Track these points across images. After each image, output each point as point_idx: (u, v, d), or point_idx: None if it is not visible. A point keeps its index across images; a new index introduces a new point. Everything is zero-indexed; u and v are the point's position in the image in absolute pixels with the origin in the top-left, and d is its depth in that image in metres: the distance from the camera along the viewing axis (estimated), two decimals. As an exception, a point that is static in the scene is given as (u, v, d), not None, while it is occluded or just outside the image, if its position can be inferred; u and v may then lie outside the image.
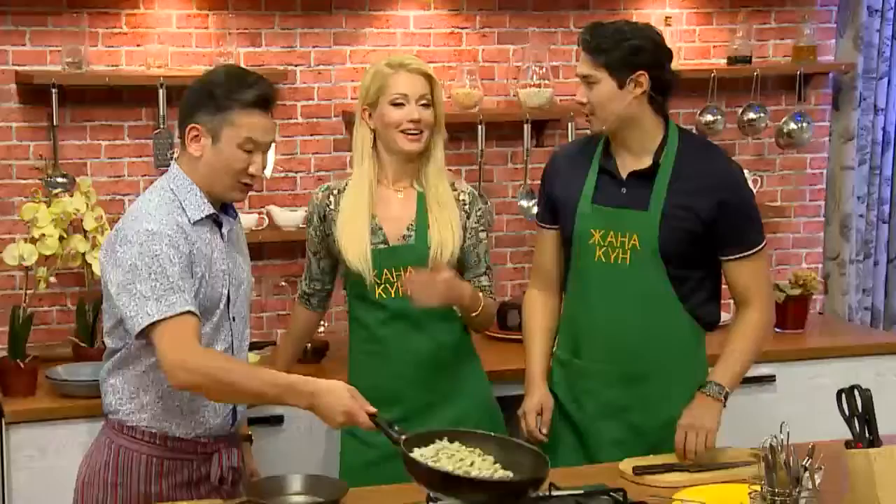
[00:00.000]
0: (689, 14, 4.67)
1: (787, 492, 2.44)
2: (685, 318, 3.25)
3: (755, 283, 3.24)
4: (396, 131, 3.26)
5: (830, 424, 2.99)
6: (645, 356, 3.25)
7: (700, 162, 3.23)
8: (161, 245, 2.74)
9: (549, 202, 3.37)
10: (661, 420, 3.22)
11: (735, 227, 3.20)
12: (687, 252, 3.21)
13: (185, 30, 4.12)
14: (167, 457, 2.88)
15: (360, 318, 3.35)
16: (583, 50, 3.18)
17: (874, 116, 4.96)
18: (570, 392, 3.35)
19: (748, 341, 3.21)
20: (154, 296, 2.71)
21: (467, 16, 4.42)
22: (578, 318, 3.33)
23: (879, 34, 4.90)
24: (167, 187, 2.86)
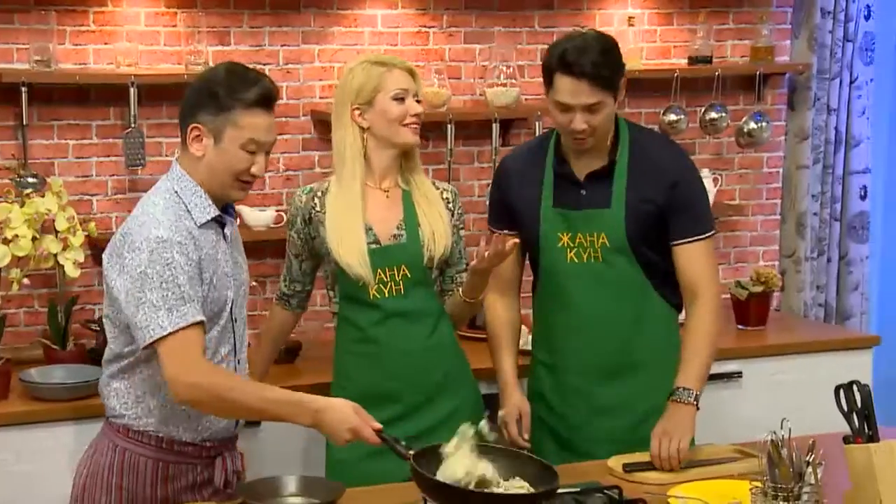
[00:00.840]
0: (651, 14, 4.73)
1: (790, 487, 2.48)
2: (660, 302, 3.34)
3: (704, 271, 3.27)
4: (399, 125, 3.28)
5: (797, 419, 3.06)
6: (630, 347, 3.31)
7: (652, 151, 3.31)
8: (172, 253, 2.71)
9: (504, 208, 3.40)
10: (651, 411, 3.26)
11: (686, 209, 3.26)
12: (652, 239, 3.28)
13: (153, 28, 4.08)
14: (172, 461, 2.87)
15: (351, 318, 3.35)
16: (582, 80, 3.13)
17: (827, 116, 5.05)
18: (558, 391, 3.38)
19: (706, 338, 3.24)
20: (165, 306, 2.69)
21: (434, 15, 4.43)
22: (556, 319, 3.37)
23: (832, 35, 5.00)
24: (171, 189, 2.82)
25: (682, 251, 3.27)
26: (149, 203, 2.82)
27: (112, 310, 2.83)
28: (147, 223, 2.75)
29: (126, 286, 2.72)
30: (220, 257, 2.86)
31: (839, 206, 5.15)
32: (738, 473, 2.98)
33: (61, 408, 3.55)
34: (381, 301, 3.30)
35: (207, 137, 2.79)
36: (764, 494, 2.52)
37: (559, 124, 3.24)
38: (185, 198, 2.81)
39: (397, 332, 3.31)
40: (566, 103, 3.16)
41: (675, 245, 3.28)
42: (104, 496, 2.86)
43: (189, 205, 2.81)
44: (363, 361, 3.34)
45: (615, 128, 3.30)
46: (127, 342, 2.82)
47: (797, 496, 2.48)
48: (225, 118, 2.77)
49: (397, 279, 3.30)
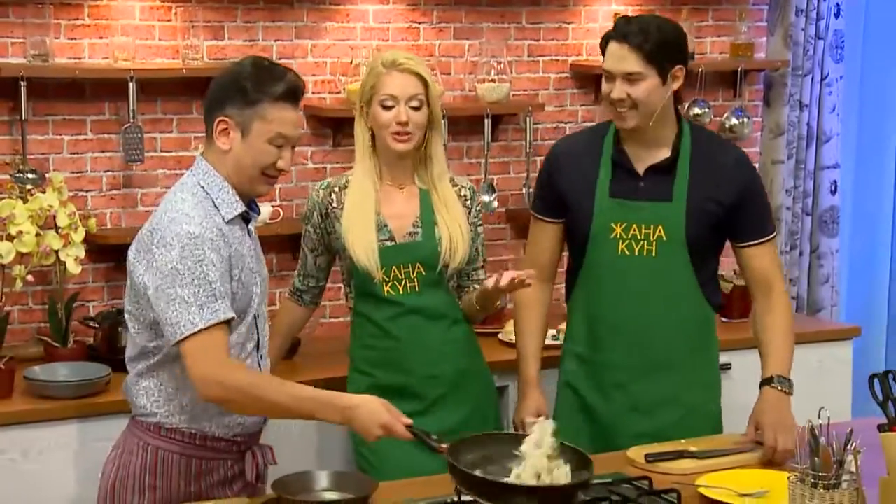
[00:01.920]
0: (634, 11, 4.77)
1: (830, 475, 2.53)
2: (703, 302, 3.35)
3: (774, 268, 3.33)
4: (386, 132, 3.26)
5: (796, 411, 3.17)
6: (673, 346, 3.31)
7: (716, 152, 3.32)
8: (204, 249, 2.70)
9: (554, 194, 3.36)
10: (688, 411, 3.31)
11: (755, 212, 3.30)
12: (708, 239, 3.30)
13: (148, 22, 4.04)
14: (205, 457, 2.86)
15: (366, 314, 3.35)
16: (625, 46, 3.15)
17: (800, 112, 5.15)
18: (595, 386, 3.36)
19: (788, 327, 3.28)
20: (197, 302, 2.68)
21: (424, 11, 4.44)
22: (598, 312, 3.33)
23: (804, 33, 5.09)
24: (197, 185, 2.81)
25: (753, 252, 3.30)
26: (176, 199, 2.80)
27: (137, 306, 2.81)
28: (177, 219, 2.73)
29: (156, 282, 2.71)
30: (245, 253, 2.85)
31: (811, 200, 5.26)
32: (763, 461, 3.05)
33: (67, 406, 3.51)
34: (396, 298, 3.31)
35: (235, 131, 2.78)
36: (803, 482, 2.56)
37: (604, 96, 3.23)
38: (212, 193, 2.80)
39: (413, 329, 3.32)
40: (609, 70, 3.19)
41: (744, 247, 3.31)
42: (136, 496, 2.85)
43: (216, 200, 2.80)
44: (379, 357, 3.35)
45: (678, 124, 3.30)
46: (151, 338, 2.81)
47: (837, 484, 2.53)
48: (253, 112, 2.77)
49: (412, 276, 3.31)
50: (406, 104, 3.24)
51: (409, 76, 3.26)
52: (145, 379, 2.85)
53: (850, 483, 2.53)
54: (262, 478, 2.94)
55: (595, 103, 4.69)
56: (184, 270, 2.69)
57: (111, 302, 4.06)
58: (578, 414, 3.39)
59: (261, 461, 2.93)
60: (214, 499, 2.84)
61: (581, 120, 4.70)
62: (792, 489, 2.58)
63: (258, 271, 2.91)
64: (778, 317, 3.29)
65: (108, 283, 4.07)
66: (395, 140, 3.26)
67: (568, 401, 3.43)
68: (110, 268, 4.06)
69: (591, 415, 3.38)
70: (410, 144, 3.28)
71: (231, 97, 2.78)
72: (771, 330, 3.29)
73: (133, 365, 2.88)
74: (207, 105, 2.85)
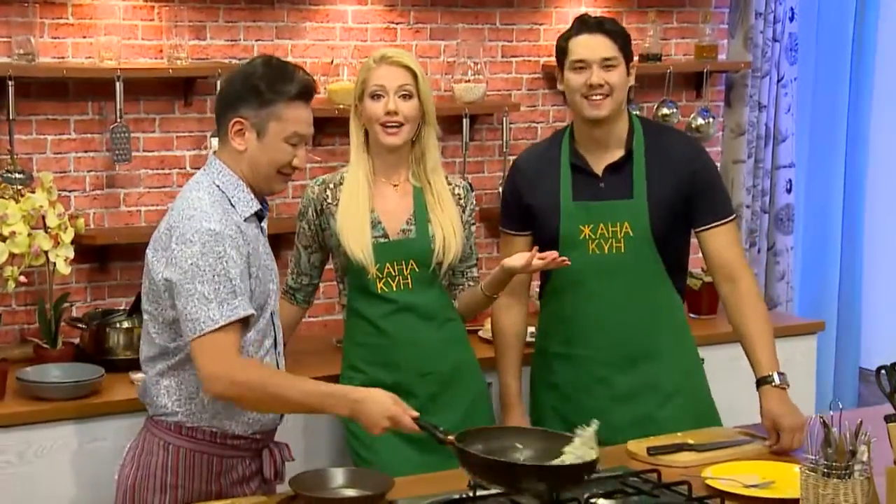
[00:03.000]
0: (604, 12, 4.85)
1: (844, 465, 2.61)
2: (672, 289, 3.45)
3: (736, 254, 3.40)
4: (377, 125, 3.30)
5: None
6: (648, 335, 3.41)
7: (666, 141, 3.42)
8: (224, 246, 2.72)
9: (520, 209, 3.45)
10: (668, 396, 3.40)
11: (709, 194, 3.38)
12: (672, 229, 3.39)
13: (131, 22, 4.03)
14: (226, 455, 2.88)
15: (361, 310, 3.38)
16: (598, 35, 3.30)
17: (759, 113, 5.28)
18: (576, 381, 3.44)
19: (766, 319, 3.36)
20: (217, 299, 2.69)
21: (402, 12, 4.47)
22: (573, 311, 3.42)
23: (763, 36, 5.22)
24: (212, 184, 2.82)
25: (711, 236, 3.37)
26: (193, 197, 2.80)
27: (156, 305, 2.82)
28: (196, 216, 2.74)
29: (176, 277, 2.72)
30: (261, 250, 2.88)
31: (768, 198, 5.39)
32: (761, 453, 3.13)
33: (62, 407, 3.49)
34: (389, 294, 3.33)
35: (250, 131, 2.80)
36: (815, 472, 2.64)
37: (575, 89, 3.31)
38: (227, 192, 2.82)
39: (406, 326, 3.35)
40: (585, 59, 3.29)
41: (702, 231, 3.38)
42: (157, 495, 2.85)
43: (232, 199, 2.82)
44: (372, 354, 3.38)
45: (630, 123, 3.40)
46: (172, 337, 2.82)
47: (849, 474, 2.61)
48: (268, 112, 2.79)
49: (405, 273, 3.34)
50: (395, 94, 3.27)
51: (398, 68, 3.30)
52: (166, 378, 2.85)
53: (862, 472, 2.61)
54: (280, 475, 2.96)
55: (566, 103, 4.75)
56: (204, 266, 2.70)
57: (94, 303, 4.04)
58: (557, 412, 3.47)
59: (278, 458, 2.96)
60: (234, 496, 2.86)
61: (553, 120, 4.76)
62: (804, 479, 2.65)
63: (272, 268, 2.93)
64: (753, 304, 3.35)
65: (91, 283, 4.05)
66: (386, 133, 3.28)
67: (547, 400, 3.50)
68: (93, 268, 4.04)
69: (572, 411, 3.44)
70: (400, 138, 3.30)
71: (245, 98, 2.80)
72: (748, 321, 3.34)
73: (152, 365, 2.88)
74: (220, 106, 2.86)
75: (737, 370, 4.41)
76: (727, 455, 3.13)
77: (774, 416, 3.17)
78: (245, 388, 2.72)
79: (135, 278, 4.08)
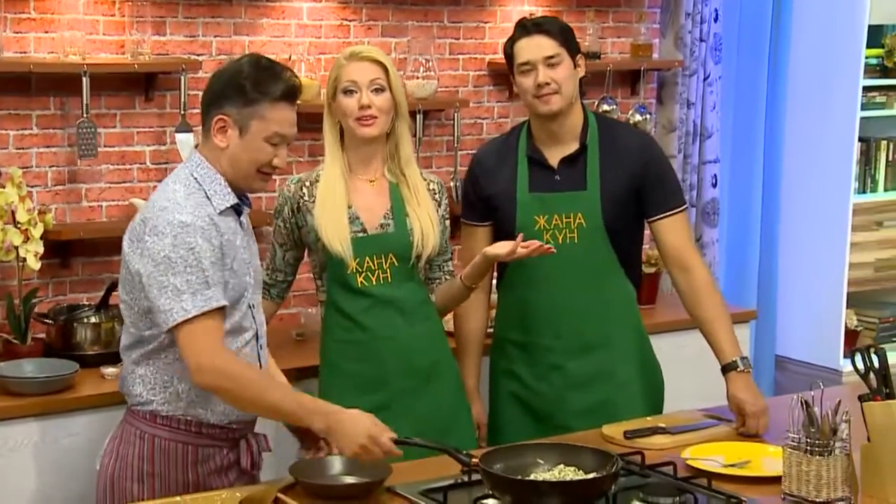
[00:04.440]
0: (544, 11, 4.97)
1: (826, 443, 2.77)
2: (625, 279, 3.58)
3: (687, 243, 3.53)
4: (352, 119, 3.35)
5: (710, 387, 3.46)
6: (602, 323, 3.53)
7: (619, 134, 3.55)
8: (196, 237, 2.74)
9: (480, 201, 3.56)
10: (623, 382, 3.53)
11: (661, 184, 3.51)
12: (624, 220, 3.52)
13: (92, 17, 4.02)
14: (202, 444, 2.90)
15: (340, 305, 3.42)
16: (537, 35, 3.42)
17: (687, 110, 5.46)
18: (533, 369, 3.56)
19: (723, 305, 3.49)
20: (189, 290, 2.72)
21: (354, 9, 4.54)
22: (530, 300, 3.54)
23: (691, 35, 5.40)
24: (190, 176, 2.85)
25: (663, 225, 3.50)
26: (168, 189, 2.83)
27: (131, 295, 2.84)
28: (169, 208, 2.77)
29: (148, 269, 2.74)
30: (238, 244, 2.89)
31: (695, 192, 5.58)
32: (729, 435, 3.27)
33: (36, 402, 3.48)
34: (368, 289, 3.38)
35: (233, 129, 2.83)
36: (798, 450, 2.79)
37: (526, 90, 3.43)
38: (204, 184, 2.84)
39: (384, 320, 3.40)
40: (528, 60, 3.41)
41: (655, 220, 3.50)
42: (136, 485, 2.87)
43: (209, 192, 2.84)
44: (350, 348, 3.42)
45: (584, 117, 3.53)
46: (147, 326, 2.83)
47: (831, 451, 2.77)
48: (252, 111, 2.82)
49: (385, 267, 3.39)
50: (367, 89, 3.33)
51: (369, 63, 3.36)
52: (141, 367, 2.87)
53: (842, 449, 2.77)
54: (256, 465, 2.99)
55: (509, 100, 4.89)
56: (176, 258, 2.72)
57: (55, 298, 4.03)
58: (517, 398, 3.59)
59: (255, 449, 2.98)
60: (212, 486, 2.88)
61: (497, 116, 4.88)
62: (787, 457, 2.80)
63: (250, 262, 2.96)
64: (709, 292, 3.47)
65: (53, 279, 4.04)
66: (361, 125, 3.34)
67: (505, 387, 3.61)
68: (55, 264, 4.02)
69: (531, 397, 3.57)
70: (375, 129, 3.35)
71: (230, 95, 2.82)
72: (705, 309, 3.46)
73: (128, 354, 2.90)
74: (206, 102, 2.88)
75: (686, 357, 4.58)
76: (699, 437, 3.27)
77: (739, 401, 3.31)
78: (225, 378, 2.74)
79: (96, 274, 4.09)
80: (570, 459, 2.81)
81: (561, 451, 2.84)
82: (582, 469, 2.77)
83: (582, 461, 2.79)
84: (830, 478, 2.75)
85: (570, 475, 2.76)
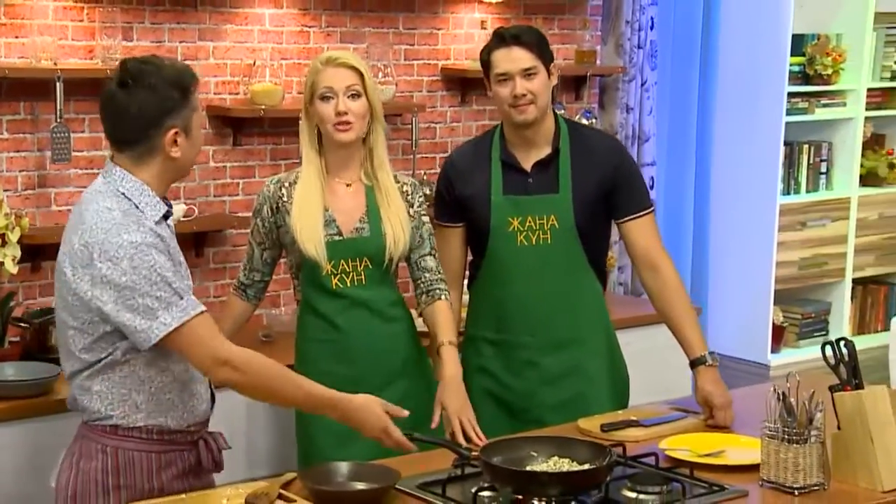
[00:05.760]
0: (494, 19, 5.11)
1: (802, 431, 2.92)
2: (594, 278, 3.70)
3: (655, 242, 3.65)
4: (329, 125, 3.41)
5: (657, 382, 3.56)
6: (574, 320, 3.65)
7: (590, 139, 3.68)
8: (151, 254, 2.70)
9: (454, 202, 3.66)
10: (594, 377, 3.66)
11: (630, 188, 3.63)
12: (594, 222, 3.64)
13: (61, 22, 4.05)
14: (164, 450, 2.88)
15: (315, 306, 3.48)
16: (516, 47, 3.51)
17: (627, 115, 5.64)
18: (507, 365, 3.67)
19: (689, 302, 3.64)
20: (162, 306, 2.69)
21: (314, 15, 4.62)
22: (503, 299, 3.64)
23: (630, 42, 5.58)
24: (117, 192, 2.76)
25: (633, 226, 3.63)
26: (102, 209, 2.73)
27: (82, 321, 2.75)
28: (113, 230, 2.69)
29: (111, 296, 2.68)
30: (172, 249, 2.85)
31: (633, 194, 5.75)
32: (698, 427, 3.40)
33: (17, 406, 3.51)
34: (343, 291, 3.45)
35: (181, 135, 2.77)
36: (775, 439, 2.94)
37: (502, 99, 3.53)
38: (134, 198, 2.76)
39: (359, 321, 3.47)
40: (505, 72, 3.51)
41: (624, 222, 3.63)
42: (101, 499, 2.83)
43: (140, 204, 2.76)
44: (326, 347, 3.48)
45: (556, 122, 3.65)
46: (104, 349, 2.77)
47: (806, 439, 2.92)
48: (188, 109, 2.78)
49: (359, 270, 3.45)
50: (344, 95, 3.39)
51: (345, 69, 3.42)
52: (97, 384, 2.81)
53: (817, 438, 2.93)
54: (219, 464, 2.99)
55: (461, 105, 5.01)
56: (139, 280, 2.67)
57: (26, 302, 4.05)
58: (490, 395, 3.69)
59: (214, 448, 2.98)
60: (176, 490, 2.87)
61: (450, 121, 5.00)
62: (766, 446, 2.94)
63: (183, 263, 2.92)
64: (676, 289, 3.61)
65: (24, 283, 4.06)
66: (337, 130, 3.40)
67: (479, 384, 3.71)
68: (25, 268, 4.04)
69: (504, 393, 3.68)
70: (352, 134, 3.41)
71: (172, 104, 2.76)
72: (673, 306, 3.60)
73: (79, 376, 2.83)
74: (146, 120, 2.74)
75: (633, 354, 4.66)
76: (671, 429, 3.38)
77: (707, 395, 3.45)
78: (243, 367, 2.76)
79: (65, 277, 4.11)
80: (564, 452, 2.92)
81: (556, 444, 2.96)
82: (576, 461, 2.89)
83: (576, 453, 2.91)
84: (806, 465, 2.89)
85: (565, 466, 2.88)
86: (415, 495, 2.88)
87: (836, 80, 6.33)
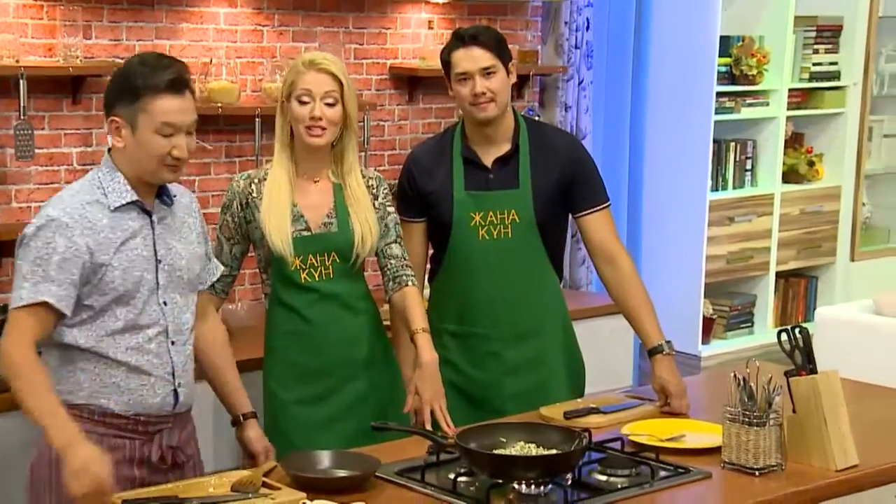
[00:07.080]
0: (440, 19, 5.22)
1: (761, 415, 3.07)
2: (552, 271, 3.83)
3: (612, 236, 3.78)
4: (301, 126, 3.48)
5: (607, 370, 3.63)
6: (534, 312, 3.77)
7: (548, 136, 3.80)
8: (54, 234, 2.83)
9: (416, 197, 3.76)
10: (554, 368, 3.79)
11: (588, 182, 3.76)
12: (553, 216, 3.77)
13: (21, 20, 4.07)
14: (108, 433, 2.93)
15: (285, 300, 3.54)
16: (475, 47, 3.62)
17: (565, 113, 5.79)
18: (469, 357, 3.78)
19: (646, 294, 3.76)
20: (32, 280, 2.81)
21: (267, 14, 4.69)
22: (465, 292, 3.76)
23: (568, 42, 5.73)
24: (94, 176, 2.95)
25: (590, 220, 3.76)
26: (70, 186, 2.96)
27: None
28: (52, 202, 2.90)
29: (17, 252, 2.87)
30: (136, 241, 2.93)
31: (572, 190, 5.90)
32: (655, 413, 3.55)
33: None
34: (312, 284, 3.52)
35: (125, 128, 2.87)
36: (736, 422, 3.09)
37: (463, 98, 3.64)
38: (104, 183, 2.91)
39: (327, 314, 3.54)
40: (465, 71, 3.62)
41: (582, 216, 3.75)
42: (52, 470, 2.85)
43: (106, 189, 2.91)
44: (295, 340, 3.55)
45: (515, 120, 3.77)
46: None
47: (766, 422, 3.08)
48: (137, 107, 2.85)
49: (327, 264, 3.53)
50: (321, 100, 3.45)
51: (325, 75, 3.47)
52: (52, 359, 2.92)
53: (776, 420, 3.09)
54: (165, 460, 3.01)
55: (409, 103, 5.11)
56: (32, 248, 2.83)
57: (-15, 298, 4.07)
58: (452, 385, 3.77)
59: (165, 443, 3.01)
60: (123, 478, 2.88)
61: (398, 119, 5.09)
62: (727, 429, 3.09)
63: (163, 258, 2.98)
64: (633, 282, 3.73)
65: (-17, 278, 4.09)
66: (309, 134, 3.47)
67: (443, 376, 3.80)
68: (-17, 264, 4.08)
69: (467, 384, 3.79)
70: (323, 140, 3.48)
71: (120, 96, 2.88)
72: (631, 298, 3.73)
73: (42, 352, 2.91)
74: (104, 106, 2.95)
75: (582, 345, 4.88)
76: (630, 416, 3.52)
77: (663, 383, 3.60)
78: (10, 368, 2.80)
79: (26, 273, 4.12)
80: (531, 437, 3.04)
81: (527, 430, 3.09)
82: (542, 445, 3.02)
83: (543, 438, 3.04)
84: (766, 446, 3.05)
85: (533, 451, 3.01)
86: (394, 482, 2.97)
87: (760, 81, 6.55)
